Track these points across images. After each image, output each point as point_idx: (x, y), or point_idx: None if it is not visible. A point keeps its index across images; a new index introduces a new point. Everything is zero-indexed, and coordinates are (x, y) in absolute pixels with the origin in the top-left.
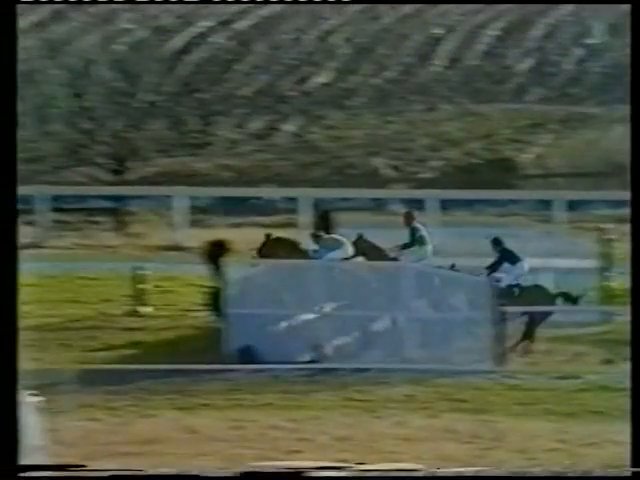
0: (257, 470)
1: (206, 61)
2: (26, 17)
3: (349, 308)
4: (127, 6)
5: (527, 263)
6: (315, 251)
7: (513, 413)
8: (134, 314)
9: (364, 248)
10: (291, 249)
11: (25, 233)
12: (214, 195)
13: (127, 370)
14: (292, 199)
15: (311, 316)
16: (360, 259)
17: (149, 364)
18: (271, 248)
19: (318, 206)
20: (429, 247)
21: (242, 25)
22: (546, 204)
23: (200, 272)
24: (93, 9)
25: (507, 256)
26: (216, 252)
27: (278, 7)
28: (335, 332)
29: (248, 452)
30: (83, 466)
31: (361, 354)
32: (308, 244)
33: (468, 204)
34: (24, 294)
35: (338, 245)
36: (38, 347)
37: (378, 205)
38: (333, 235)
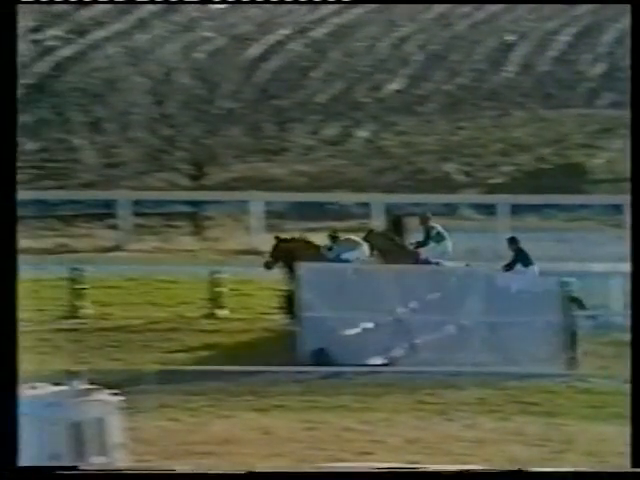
0: (263, 470)
1: (283, 68)
2: (111, 26)
3: (421, 312)
4: (207, 14)
5: (537, 268)
6: (330, 249)
7: (583, 416)
8: (211, 317)
9: (377, 242)
10: (304, 249)
11: (108, 236)
12: (289, 200)
13: (204, 371)
14: (365, 204)
15: (383, 320)
16: (377, 255)
17: (225, 366)
18: (283, 250)
19: (390, 211)
20: (448, 243)
21: (318, 33)
22: (616, 209)
23: (275, 276)
24: (175, 18)
25: (521, 257)
26: (291, 256)
27: (352, 15)
28: (407, 335)
29: (321, 453)
30: (76, 467)
31: (432, 357)
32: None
33: (538, 209)
34: (107, 296)
35: (354, 246)
36: (119, 348)
37: (449, 210)
38: (350, 236)
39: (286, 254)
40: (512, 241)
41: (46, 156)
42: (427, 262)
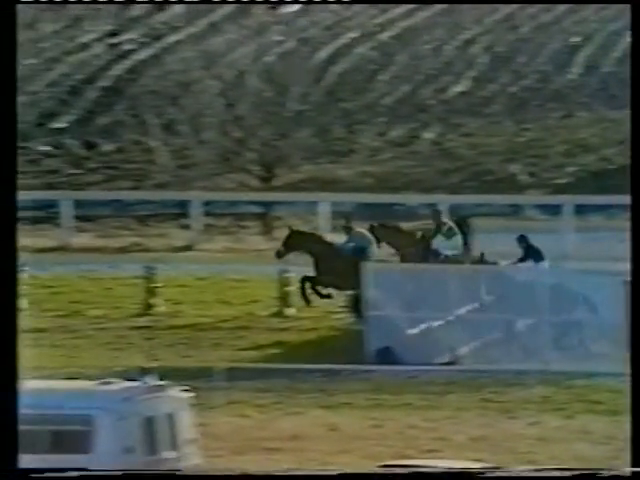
0: (264, 473)
1: (350, 71)
2: (185, 29)
3: (485, 311)
4: (278, 18)
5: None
6: (344, 243)
7: None
8: (280, 315)
9: (383, 235)
10: (315, 242)
11: (180, 236)
12: (356, 201)
13: (273, 369)
14: (431, 205)
15: (448, 318)
16: (384, 246)
17: (293, 363)
18: (295, 240)
19: (456, 212)
20: (458, 239)
21: (385, 36)
22: None
23: None
24: (247, 22)
25: (531, 253)
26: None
27: (419, 18)
28: (471, 334)
29: (387, 450)
30: (83, 469)
31: (496, 356)
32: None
33: (603, 209)
34: (179, 294)
35: (367, 240)
36: (190, 345)
37: (515, 211)
38: (362, 230)
39: (299, 244)
40: (521, 239)
41: (122, 157)
42: (437, 253)
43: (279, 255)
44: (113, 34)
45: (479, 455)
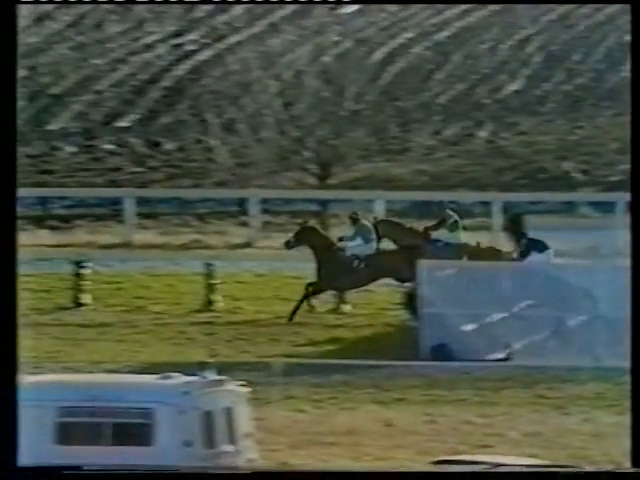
0: (266, 470)
1: (406, 71)
2: (246, 30)
3: (539, 307)
4: (335, 19)
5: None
6: (349, 238)
7: None
8: (336, 311)
9: (386, 231)
10: (322, 237)
11: (239, 233)
12: (411, 199)
13: (329, 364)
14: (485, 203)
15: (502, 315)
16: (387, 242)
17: (349, 359)
18: (306, 233)
19: (510, 209)
20: (460, 234)
21: (441, 36)
22: None
23: None
24: (305, 22)
25: (533, 245)
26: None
27: (475, 18)
28: (525, 331)
29: (441, 446)
30: (79, 467)
31: (550, 352)
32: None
33: None
34: (238, 291)
35: (370, 234)
36: (249, 341)
37: (568, 208)
38: (367, 223)
39: (308, 237)
40: (521, 235)
41: (183, 156)
42: (437, 241)
43: (288, 246)
44: (176, 35)
45: (533, 451)
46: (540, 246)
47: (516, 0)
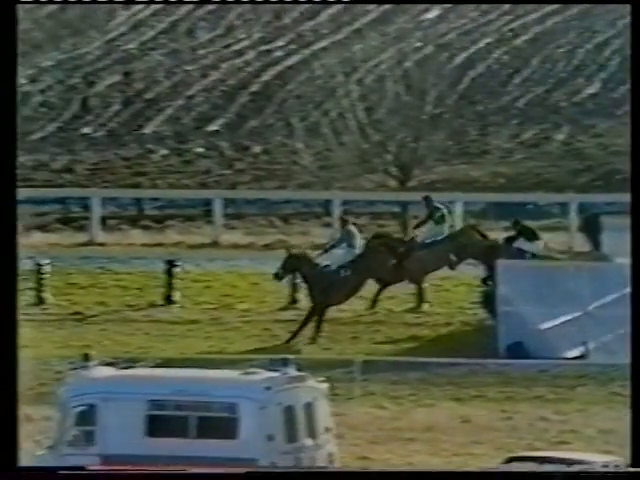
0: (264, 470)
1: (484, 75)
2: (331, 37)
3: (613, 306)
4: (417, 25)
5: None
6: (337, 242)
7: None
8: (415, 310)
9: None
10: (306, 263)
11: (322, 234)
12: (489, 200)
13: (407, 362)
14: (561, 204)
15: (577, 314)
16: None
17: (427, 357)
18: (291, 262)
19: (585, 210)
20: (445, 227)
21: (519, 41)
22: None
23: (473, 272)
24: (387, 28)
25: (525, 233)
26: (489, 254)
27: (552, 22)
28: (600, 329)
29: (517, 442)
30: (82, 468)
31: (624, 350)
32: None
33: None
34: None
35: (354, 238)
36: (330, 339)
37: None
38: (352, 227)
39: (295, 265)
40: (515, 224)
41: (269, 158)
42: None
43: (278, 277)
44: (264, 42)
45: (608, 448)
46: (531, 236)
47: (520, 0)
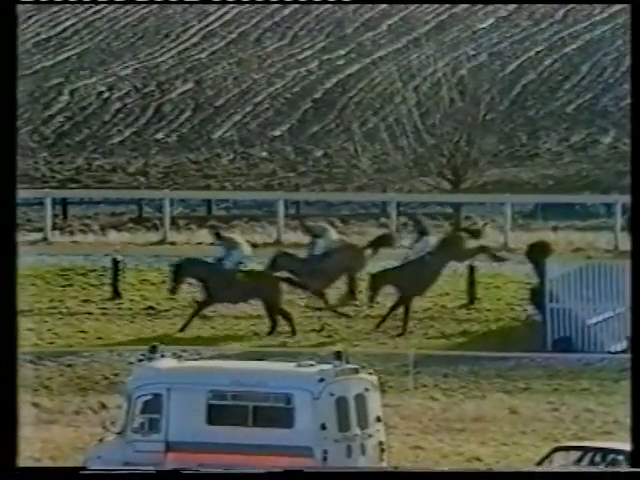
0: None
1: (535, 82)
2: (389, 46)
3: None
4: (472, 34)
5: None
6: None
7: None
8: (466, 306)
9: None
10: (202, 267)
11: (379, 234)
12: (538, 202)
13: (458, 356)
14: (606, 204)
15: (621, 309)
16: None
17: (477, 351)
18: (185, 271)
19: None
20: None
21: (569, 48)
22: None
23: (523, 270)
24: (443, 38)
25: (422, 231)
26: (538, 252)
27: (601, 30)
28: None
29: (563, 432)
30: (83, 468)
31: None
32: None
33: None
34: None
35: (235, 245)
36: (386, 333)
37: None
38: (232, 235)
39: (191, 274)
40: (417, 223)
41: (328, 162)
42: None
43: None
44: (329, 50)
45: None
46: (425, 232)
47: (523, 0)
